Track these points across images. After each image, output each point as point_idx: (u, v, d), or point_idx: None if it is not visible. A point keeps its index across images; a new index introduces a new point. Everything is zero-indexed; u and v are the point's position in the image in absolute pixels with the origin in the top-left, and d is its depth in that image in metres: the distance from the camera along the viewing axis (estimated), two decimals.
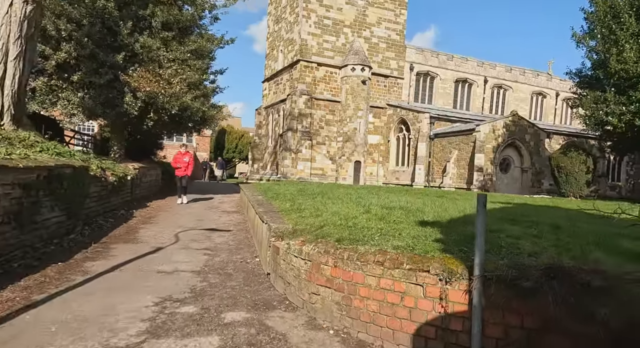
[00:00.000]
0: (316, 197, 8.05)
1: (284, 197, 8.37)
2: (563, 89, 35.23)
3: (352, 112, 27.85)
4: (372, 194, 9.56)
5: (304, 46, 27.71)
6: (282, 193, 9.29)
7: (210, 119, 14.43)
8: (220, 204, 13.48)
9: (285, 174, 27.39)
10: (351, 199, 7.40)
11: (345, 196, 8.36)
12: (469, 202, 8.84)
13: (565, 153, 14.74)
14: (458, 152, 24.17)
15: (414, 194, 11.57)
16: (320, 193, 9.04)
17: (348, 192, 10.03)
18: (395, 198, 8.21)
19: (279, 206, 6.90)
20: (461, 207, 6.49)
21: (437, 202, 7.52)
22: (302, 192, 9.44)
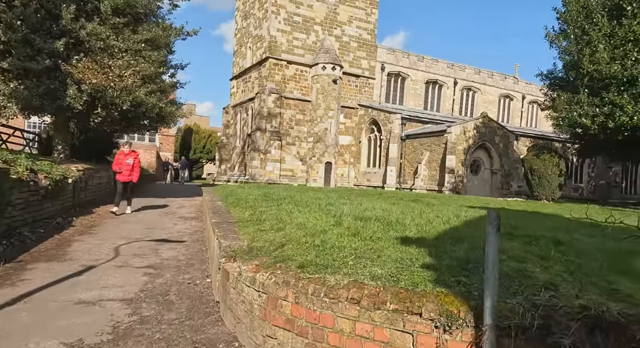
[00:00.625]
0: (281, 203, 7.19)
1: (245, 204, 7.46)
2: (529, 92, 36.00)
3: (323, 112, 27.13)
4: (344, 199, 8.79)
5: (273, 43, 26.74)
6: (245, 198, 8.37)
7: (169, 116, 13.23)
8: (178, 209, 12.34)
9: (253, 176, 26.31)
10: (320, 207, 6.59)
11: (314, 202, 7.54)
12: (447, 207, 8.24)
13: (538, 155, 14.62)
14: (429, 154, 23.91)
15: (387, 198, 10.92)
16: (286, 198, 8.19)
17: (317, 196, 9.23)
18: (369, 204, 7.48)
19: (238, 215, 6.01)
20: (443, 215, 5.81)
21: (415, 209, 6.83)
22: (267, 197, 8.55)
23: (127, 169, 10.41)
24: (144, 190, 17.90)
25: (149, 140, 34.75)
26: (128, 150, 10.71)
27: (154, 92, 12.11)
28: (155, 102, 12.04)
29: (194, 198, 15.47)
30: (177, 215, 10.91)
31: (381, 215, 5.21)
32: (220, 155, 32.93)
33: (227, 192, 10.57)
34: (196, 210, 12.48)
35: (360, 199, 8.96)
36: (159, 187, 20.30)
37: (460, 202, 11.72)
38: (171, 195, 16.69)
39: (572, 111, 12.93)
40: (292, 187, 13.97)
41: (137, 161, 10.71)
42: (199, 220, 10.28)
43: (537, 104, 36.84)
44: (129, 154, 10.64)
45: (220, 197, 9.51)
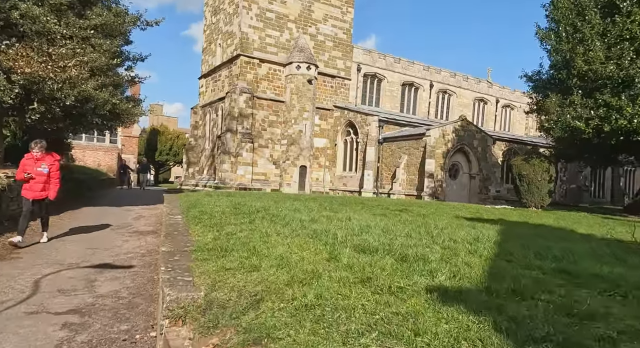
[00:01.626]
0: (254, 220, 5.93)
1: (209, 219, 6.14)
2: (502, 96, 36.15)
3: (298, 113, 25.92)
4: (326, 210, 7.61)
5: (244, 40, 25.31)
6: (210, 211, 7.03)
7: (125, 114, 11.63)
8: (135, 221, 10.76)
9: (223, 180, 24.72)
10: (303, 224, 5.39)
11: (294, 216, 6.32)
12: (443, 219, 7.21)
13: (528, 160, 14.00)
14: (408, 157, 23.14)
15: (371, 208, 9.82)
16: (260, 212, 6.92)
17: (296, 207, 8.00)
18: (358, 217, 6.32)
19: (198, 238, 4.72)
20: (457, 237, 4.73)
21: (414, 224, 5.74)
22: (237, 209, 7.24)
23: (41, 179, 6.94)
24: (98, 197, 16.05)
25: (110, 141, 32.43)
26: (39, 153, 6.92)
27: (105, 86, 10.53)
28: (108, 98, 10.46)
29: (155, 207, 13.84)
30: (132, 229, 9.37)
31: (387, 243, 4.07)
32: (188, 158, 31.06)
33: (190, 202, 9.15)
34: (156, 221, 10.94)
35: (345, 210, 7.79)
36: (118, 194, 18.38)
37: (449, 210, 10.79)
38: (130, 202, 14.97)
39: (564, 114, 12.33)
40: (266, 194, 12.66)
41: (54, 168, 7.11)
42: (157, 234, 8.80)
43: (510, 108, 37.10)
44: (42, 157, 6.98)
45: (181, 208, 8.11)
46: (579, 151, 14.74)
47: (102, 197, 15.66)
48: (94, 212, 12.02)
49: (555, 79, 13.58)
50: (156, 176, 49.65)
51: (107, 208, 12.79)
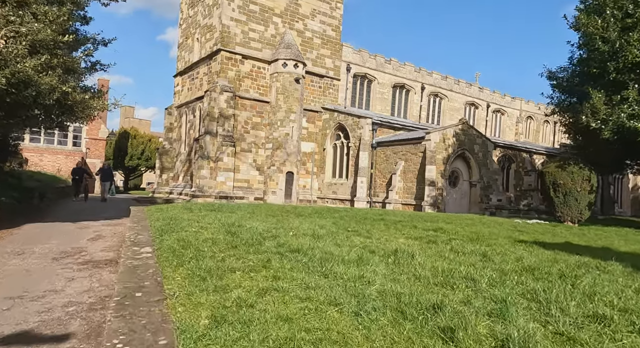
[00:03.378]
0: (270, 261, 3.81)
1: (197, 257, 3.99)
2: (493, 101, 35.15)
3: (284, 114, 23.78)
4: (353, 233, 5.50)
5: (225, 34, 23.04)
6: (195, 240, 4.85)
7: (80, 107, 9.22)
8: (90, 243, 8.34)
9: (201, 187, 22.23)
10: (363, 279, 3.25)
11: (325, 252, 4.18)
12: (516, 249, 5.24)
13: (564, 167, 12.33)
14: (405, 163, 21.35)
15: (394, 224, 7.79)
16: (268, 239, 4.75)
17: (313, 230, 5.89)
18: (422, 255, 4.23)
19: (183, 314, 2.52)
20: None
21: (510, 263, 3.69)
22: (235, 236, 5.08)
23: None
24: (50, 209, 13.38)
25: (74, 144, 29.31)
26: None
27: (52, 68, 8.13)
28: (56, 84, 8.07)
29: (120, 222, 11.35)
30: (83, 258, 6.97)
31: None
32: (161, 163, 28.31)
33: (165, 221, 6.87)
34: (119, 242, 8.55)
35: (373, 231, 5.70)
36: (76, 205, 15.56)
37: (486, 227, 8.86)
38: (89, 216, 12.41)
39: (617, 112, 10.71)
40: (257, 207, 10.42)
41: None
42: (118, 265, 6.49)
43: (500, 113, 36.15)
44: None
45: (153, 231, 5.83)
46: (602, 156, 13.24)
47: (56, 210, 13.02)
48: (39, 230, 9.49)
49: (588, 74, 12.02)
50: (126, 182, 46.22)
51: (57, 225, 10.25)
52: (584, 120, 11.20)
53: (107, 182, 19.70)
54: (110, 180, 20.87)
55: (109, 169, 21.25)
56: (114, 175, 23.55)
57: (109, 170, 20.60)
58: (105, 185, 19.37)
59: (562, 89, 14.24)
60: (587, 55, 12.15)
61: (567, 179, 12.13)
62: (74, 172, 18.13)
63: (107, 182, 19.70)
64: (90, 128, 29.47)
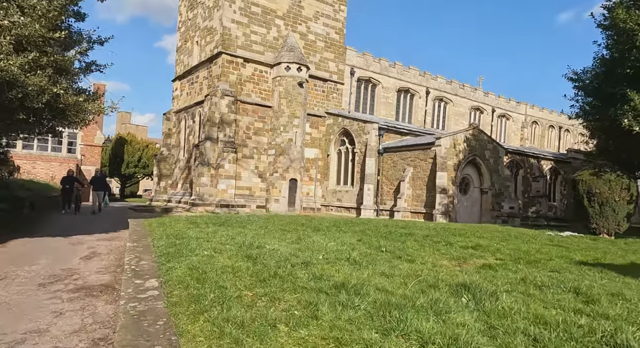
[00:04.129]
0: (317, 305, 2.89)
1: (219, 301, 3.05)
2: (498, 106, 34.53)
3: (287, 119, 22.96)
4: (387, 253, 4.64)
5: (226, 36, 22.27)
6: (211, 268, 3.96)
7: (72, 109, 8.34)
8: (84, 262, 7.43)
9: (201, 195, 21.31)
10: None
11: (380, 291, 3.30)
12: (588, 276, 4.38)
13: (599, 175, 11.52)
14: (413, 170, 20.54)
15: (426, 239, 6.93)
16: (298, 267, 3.92)
17: (346, 252, 5.03)
18: None
19: None
20: None
21: None
22: (257, 262, 4.18)
23: None
24: (41, 221, 12.43)
25: (68, 150, 28.34)
26: None
27: (42, 67, 7.27)
28: (46, 85, 7.21)
29: (117, 235, 10.43)
30: (75, 283, 6.06)
31: None
32: (159, 170, 27.37)
33: (170, 239, 5.98)
34: (116, 260, 7.65)
35: (425, 258, 4.84)
36: (68, 218, 14.49)
37: (516, 243, 8.01)
38: (83, 229, 11.47)
39: None
40: (272, 220, 9.53)
41: None
42: (116, 292, 5.60)
43: (505, 118, 35.52)
44: None
45: (156, 252, 4.94)
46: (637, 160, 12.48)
47: (47, 222, 12.09)
48: (26, 247, 8.56)
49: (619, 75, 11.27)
50: (122, 190, 45.16)
51: (47, 241, 9.31)
52: (626, 123, 10.44)
53: (101, 191, 17.78)
54: (105, 189, 18.74)
55: (103, 176, 19.30)
56: (108, 184, 20.23)
57: (102, 178, 18.67)
58: (99, 195, 17.47)
59: (587, 91, 13.54)
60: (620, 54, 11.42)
61: (604, 188, 11.33)
62: (64, 181, 16.25)
63: (101, 191, 17.78)
64: (85, 134, 28.52)
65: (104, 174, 19.65)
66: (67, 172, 17.52)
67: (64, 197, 16.17)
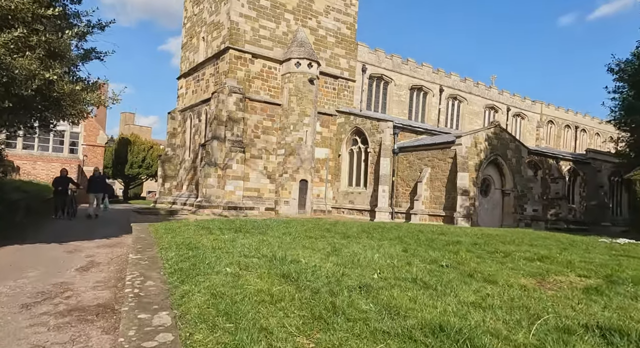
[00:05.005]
0: None
1: None
2: (513, 104, 33.39)
3: (297, 118, 21.95)
4: (432, 267, 3.59)
5: (234, 31, 21.30)
6: (242, 303, 2.86)
7: (68, 99, 7.35)
8: (79, 275, 6.42)
9: (208, 197, 20.30)
10: None
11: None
12: None
13: None
14: (431, 170, 19.46)
15: (480, 256, 5.87)
16: (362, 300, 2.81)
17: (412, 273, 3.94)
18: None
19: None
20: None
21: None
22: (300, 288, 3.12)
23: None
24: (37, 225, 11.44)
25: (70, 151, 27.43)
26: None
27: (31, 47, 6.28)
28: (36, 69, 6.22)
29: (119, 241, 9.41)
30: (66, 302, 5.03)
31: None
32: (164, 170, 26.40)
33: (180, 250, 4.96)
34: (117, 273, 6.63)
35: (501, 278, 3.77)
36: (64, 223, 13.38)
37: (579, 252, 6.93)
38: (81, 235, 10.46)
39: None
40: (292, 225, 8.48)
41: None
42: (115, 315, 4.57)
43: (520, 118, 34.37)
44: None
45: (166, 267, 3.92)
46: None
47: (42, 226, 11.09)
48: (16, 256, 7.55)
49: None
50: (126, 191, 44.27)
51: (40, 249, 8.30)
52: None
53: (100, 193, 15.61)
54: (104, 191, 16.52)
55: (103, 177, 17.05)
56: (110, 185, 17.26)
57: (102, 178, 16.43)
58: (98, 197, 15.32)
59: (632, 83, 12.51)
60: None
61: None
62: (56, 182, 14.16)
63: (100, 193, 15.61)
64: (87, 134, 27.65)
65: (104, 175, 16.78)
66: (60, 171, 15.04)
67: (57, 201, 14.14)
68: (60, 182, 14.22)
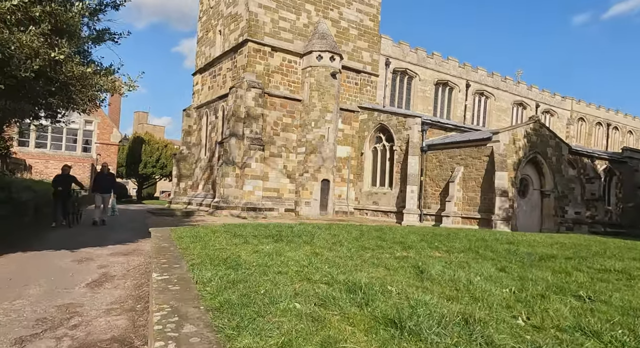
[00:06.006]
0: None
1: None
2: (542, 101, 31.74)
3: (319, 114, 20.79)
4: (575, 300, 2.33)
5: (253, 22, 20.22)
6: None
7: (78, 84, 6.28)
8: (90, 292, 5.36)
9: (226, 198, 19.26)
10: None
11: None
12: None
13: None
14: (464, 169, 18.10)
15: (611, 282, 4.62)
16: None
17: (505, 296, 2.69)
18: None
19: None
20: None
21: None
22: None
23: None
24: (45, 228, 10.47)
25: (83, 149, 26.71)
26: None
27: (33, 20, 5.22)
28: (38, 46, 5.15)
29: (135, 248, 8.36)
30: (72, 336, 3.94)
31: None
32: (179, 170, 25.49)
33: (218, 267, 3.82)
34: (134, 289, 5.56)
35: None
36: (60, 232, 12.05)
37: None
38: (94, 239, 9.44)
39: None
40: (334, 230, 7.31)
41: None
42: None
43: (550, 115, 32.69)
44: None
45: (205, 298, 2.74)
46: None
47: (51, 230, 10.08)
48: (18, 266, 6.52)
49: None
50: (139, 191, 43.64)
51: (47, 257, 7.27)
52: None
53: (107, 194, 12.86)
54: (113, 191, 13.71)
55: (112, 175, 14.05)
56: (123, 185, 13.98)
57: (110, 176, 13.54)
58: (105, 199, 12.65)
59: None
60: None
61: None
62: (57, 182, 11.71)
63: (107, 194, 12.86)
64: (101, 131, 26.89)
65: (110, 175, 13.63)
66: (61, 169, 12.30)
67: (56, 204, 11.53)
68: (61, 181, 11.80)
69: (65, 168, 12.32)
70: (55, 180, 11.97)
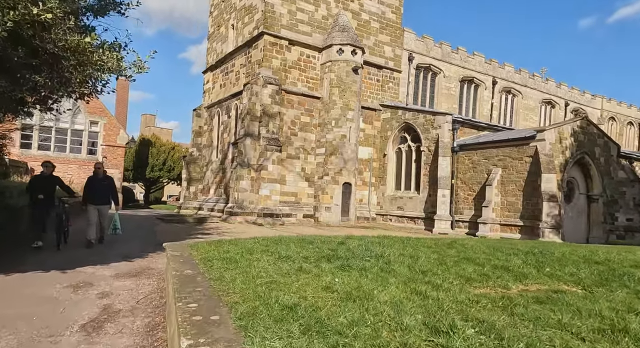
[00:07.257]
0: None
1: None
2: (572, 99, 29.96)
3: (340, 112, 19.24)
4: None
5: (269, 14, 18.77)
6: None
7: (73, 58, 4.76)
8: (85, 344, 3.77)
9: (240, 203, 17.73)
10: None
11: None
12: None
13: None
14: (503, 172, 16.43)
15: None
16: None
17: None
18: None
19: None
20: None
21: None
22: None
23: None
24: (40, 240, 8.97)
25: (88, 152, 25.36)
26: None
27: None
28: (38, 10, 3.58)
29: (145, 266, 6.84)
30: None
31: None
32: (188, 173, 24.04)
33: (288, 331, 2.11)
34: (147, 332, 4.01)
35: None
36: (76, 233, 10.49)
37: None
38: (95, 255, 7.93)
39: None
40: (401, 245, 5.70)
41: None
42: None
43: (579, 114, 30.84)
44: None
45: None
46: None
47: (48, 240, 8.57)
48: (22, 288, 4.99)
49: None
50: (147, 196, 42.30)
51: (37, 280, 5.75)
52: None
53: (105, 205, 9.30)
54: (109, 201, 9.48)
55: (108, 180, 9.66)
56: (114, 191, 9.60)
57: (105, 182, 9.42)
58: (100, 212, 9.16)
59: None
60: None
61: None
62: (33, 186, 8.42)
63: (105, 205, 9.30)
64: (107, 133, 25.56)
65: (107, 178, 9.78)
66: (42, 165, 8.93)
67: (35, 217, 8.43)
68: (41, 185, 8.43)
69: (47, 165, 8.85)
70: (32, 184, 8.59)
